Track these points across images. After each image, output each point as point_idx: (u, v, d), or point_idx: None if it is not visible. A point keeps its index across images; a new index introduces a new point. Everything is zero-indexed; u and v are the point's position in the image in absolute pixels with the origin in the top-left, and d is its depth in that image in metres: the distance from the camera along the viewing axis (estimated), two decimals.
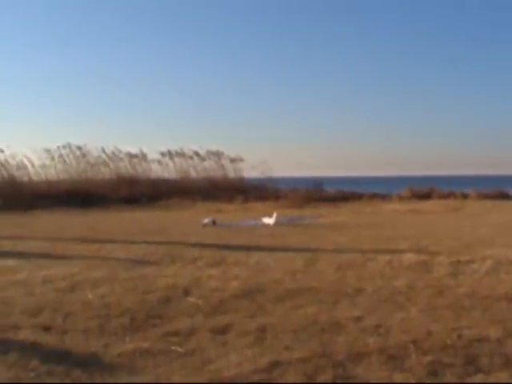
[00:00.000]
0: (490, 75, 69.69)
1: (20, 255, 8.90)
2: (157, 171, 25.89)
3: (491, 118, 72.42)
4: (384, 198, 23.30)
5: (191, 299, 5.67)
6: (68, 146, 24.85)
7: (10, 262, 8.11)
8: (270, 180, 25.06)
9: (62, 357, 4.00)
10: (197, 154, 25.76)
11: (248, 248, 9.30)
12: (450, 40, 68.82)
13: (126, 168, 25.28)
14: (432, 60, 67.61)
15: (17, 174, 23.85)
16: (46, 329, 4.71)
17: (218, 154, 25.80)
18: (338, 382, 3.53)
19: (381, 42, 67.23)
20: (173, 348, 4.17)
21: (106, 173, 25.04)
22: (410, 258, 7.99)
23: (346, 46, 67.68)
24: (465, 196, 23.22)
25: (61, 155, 24.83)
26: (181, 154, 25.79)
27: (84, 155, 25.06)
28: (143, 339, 4.36)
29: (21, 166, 24.20)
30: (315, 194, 22.83)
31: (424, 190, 23.93)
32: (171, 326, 4.70)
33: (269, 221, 13.70)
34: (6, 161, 23.80)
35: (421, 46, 68.61)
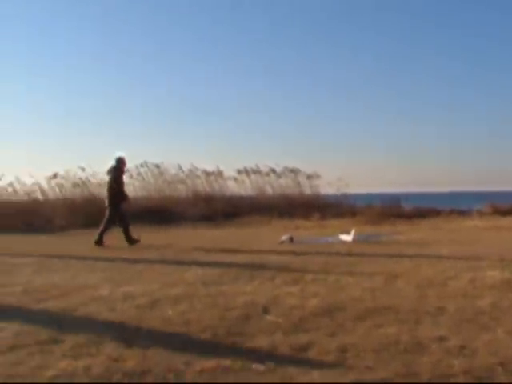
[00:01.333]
0: None
1: (102, 271, 9.13)
2: (233, 188, 26.08)
3: None
4: (463, 214, 22.65)
5: (271, 317, 5.67)
6: (145, 164, 25.39)
7: (93, 279, 8.32)
8: (346, 196, 24.83)
9: (143, 373, 4.07)
10: (273, 170, 25.80)
11: (326, 265, 9.24)
12: None
13: (202, 185, 25.59)
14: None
15: (97, 191, 24.52)
16: (128, 345, 4.79)
17: (294, 171, 25.75)
18: None
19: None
20: (253, 366, 4.17)
21: (182, 190, 25.42)
22: (493, 276, 7.76)
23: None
24: None
25: (139, 173, 25.38)
26: (257, 171, 25.91)
27: (161, 173, 25.51)
28: (225, 356, 4.38)
29: (101, 184, 24.86)
30: (392, 210, 22.40)
31: (506, 205, 23.14)
32: (252, 344, 4.70)
33: (347, 238, 13.59)
34: (87, 179, 24.55)
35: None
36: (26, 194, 24.48)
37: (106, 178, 14.70)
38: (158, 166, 25.39)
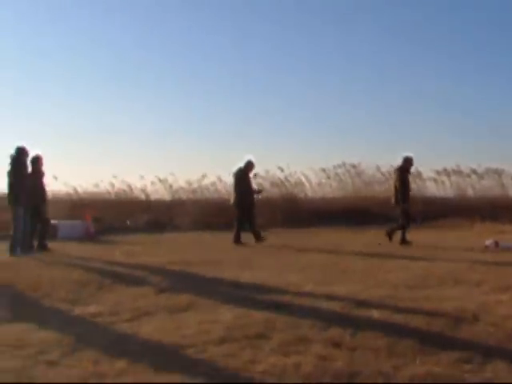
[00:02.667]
0: None
1: (302, 270, 9.27)
2: (432, 189, 25.24)
3: None
4: None
5: (482, 325, 5.41)
6: (343, 164, 25.40)
7: (297, 277, 8.46)
8: None
9: (352, 374, 4.06)
10: (474, 171, 24.64)
11: None
12: None
13: None
14: None
15: (295, 191, 24.97)
16: (336, 345, 4.80)
17: (497, 172, 24.39)
18: None
19: None
20: (466, 376, 4.00)
21: (380, 191, 25.01)
22: None
23: None
24: None
25: (336, 174, 25.45)
26: (457, 172, 24.88)
27: (359, 174, 25.36)
28: (435, 363, 4.24)
29: (298, 184, 25.29)
30: None
31: None
32: (463, 352, 4.49)
33: None
34: (286, 179, 25.06)
35: None
36: (227, 193, 25.47)
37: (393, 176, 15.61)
38: (354, 167, 25.31)
